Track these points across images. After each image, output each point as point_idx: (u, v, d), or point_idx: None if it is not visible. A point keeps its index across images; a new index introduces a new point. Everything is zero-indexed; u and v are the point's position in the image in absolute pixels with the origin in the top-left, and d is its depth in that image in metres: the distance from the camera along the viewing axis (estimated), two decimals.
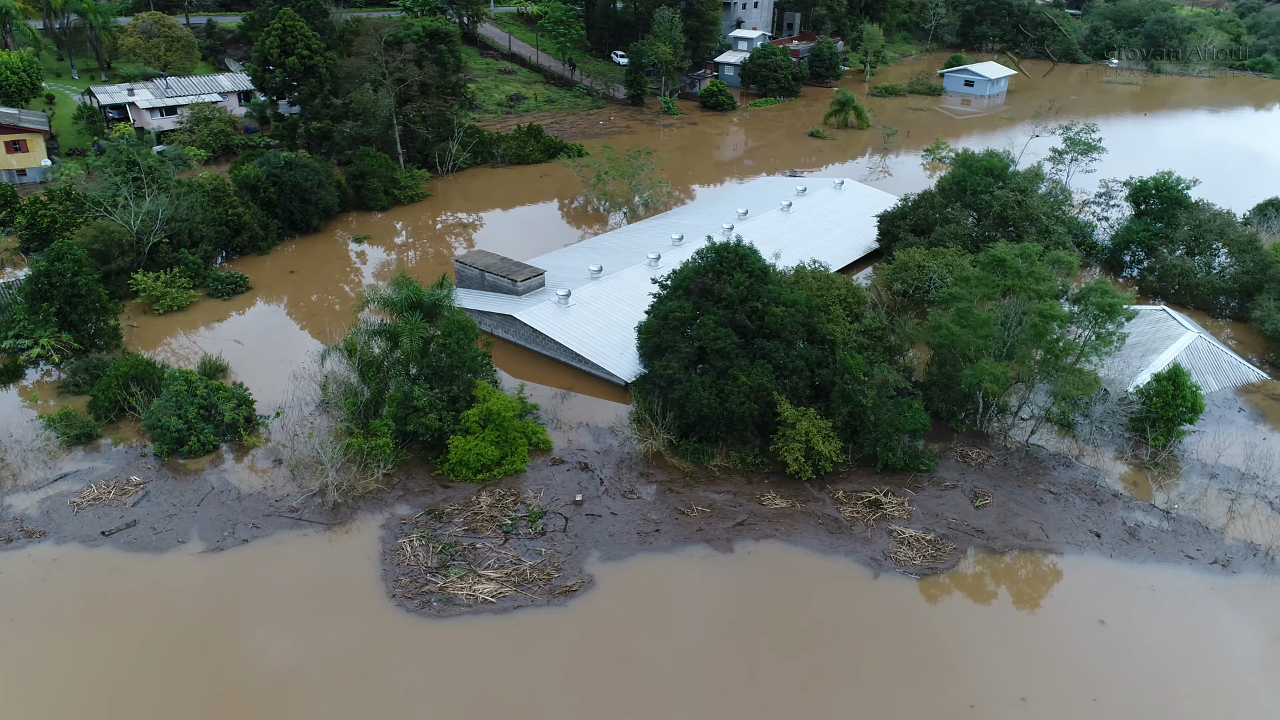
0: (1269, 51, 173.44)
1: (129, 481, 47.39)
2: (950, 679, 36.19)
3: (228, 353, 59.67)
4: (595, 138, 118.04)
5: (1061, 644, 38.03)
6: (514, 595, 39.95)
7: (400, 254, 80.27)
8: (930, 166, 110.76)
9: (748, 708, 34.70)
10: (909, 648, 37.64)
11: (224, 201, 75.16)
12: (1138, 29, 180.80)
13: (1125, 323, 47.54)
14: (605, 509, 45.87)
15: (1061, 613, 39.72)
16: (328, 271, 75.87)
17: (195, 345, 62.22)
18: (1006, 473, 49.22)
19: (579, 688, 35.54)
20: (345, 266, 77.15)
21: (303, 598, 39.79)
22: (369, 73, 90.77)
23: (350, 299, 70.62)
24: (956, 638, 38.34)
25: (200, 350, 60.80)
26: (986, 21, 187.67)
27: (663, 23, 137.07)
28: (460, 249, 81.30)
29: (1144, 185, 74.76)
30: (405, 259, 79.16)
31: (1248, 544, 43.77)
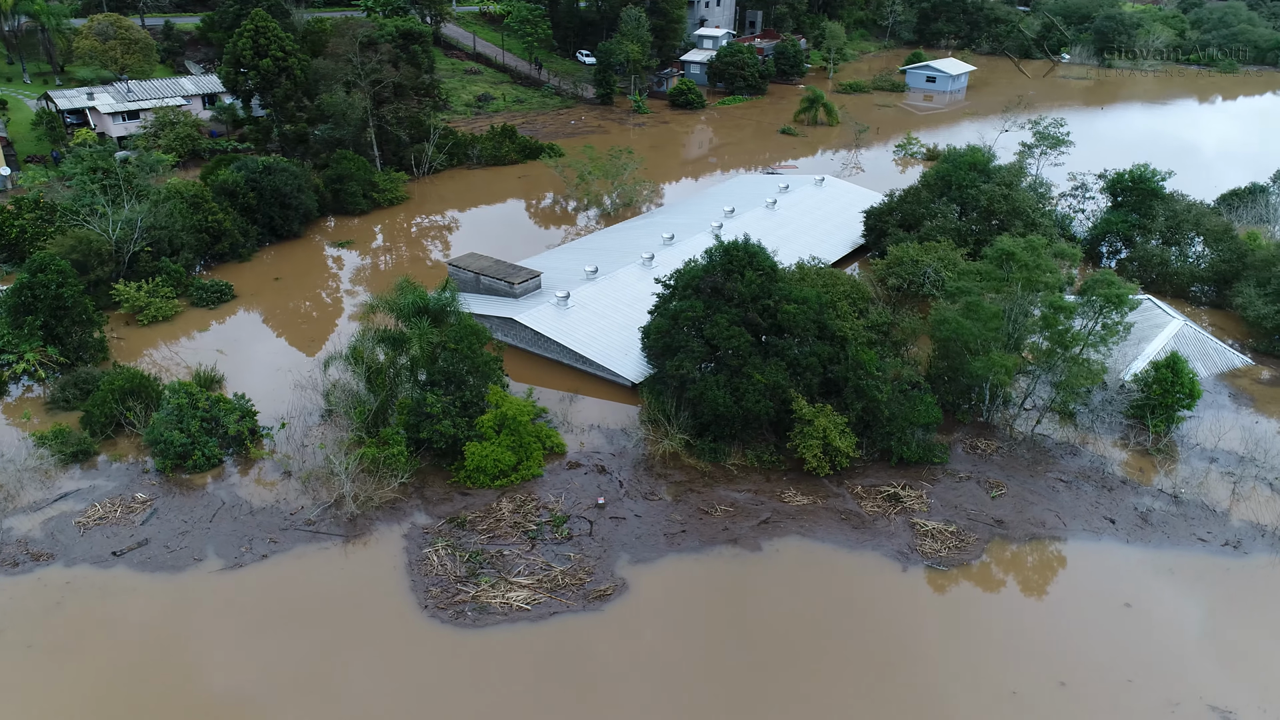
0: (1213, 46, 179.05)
1: (135, 499, 45.95)
2: (989, 667, 36.73)
3: (221, 363, 58.12)
4: (569, 138, 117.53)
5: (1092, 628, 38.82)
6: (548, 602, 39.57)
7: (384, 258, 79.02)
8: (902, 162, 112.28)
9: (798, 704, 34.81)
10: (946, 639, 38.10)
11: (203, 208, 73.25)
12: (1087, 25, 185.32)
13: (1129, 313, 48.66)
14: (628, 511, 45.67)
15: (1088, 598, 40.54)
16: (313, 278, 74.40)
17: (184, 356, 60.55)
18: (1016, 462, 50.10)
19: (626, 694, 35.31)
20: (330, 272, 75.72)
21: (333, 612, 38.94)
22: (343, 74, 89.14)
23: (338, 305, 69.40)
24: (990, 626, 38.93)
25: (189, 361, 59.23)
26: (942, 18, 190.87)
27: (629, 22, 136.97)
28: (445, 252, 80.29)
29: (1120, 177, 76.65)
30: (390, 263, 77.94)
31: (1254, 525, 45.12)
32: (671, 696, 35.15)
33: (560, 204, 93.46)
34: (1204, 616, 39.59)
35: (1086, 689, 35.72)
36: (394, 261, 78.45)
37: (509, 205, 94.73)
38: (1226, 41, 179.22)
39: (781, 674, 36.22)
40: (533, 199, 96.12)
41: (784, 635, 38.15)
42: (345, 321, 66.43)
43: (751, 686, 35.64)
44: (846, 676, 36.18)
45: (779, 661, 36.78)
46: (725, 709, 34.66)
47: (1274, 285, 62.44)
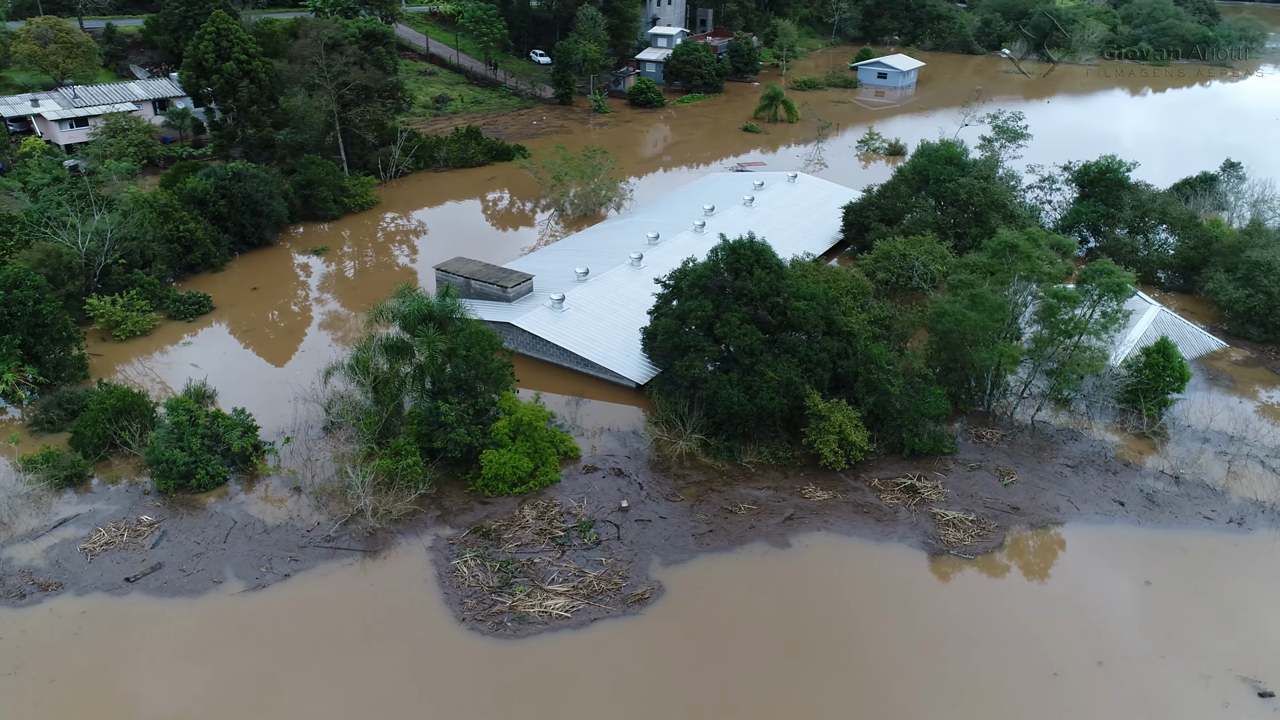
0: (1143, 40, 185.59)
1: (140, 522, 44.21)
2: (1028, 650, 37.53)
3: (211, 377, 56.14)
4: (532, 138, 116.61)
5: (1117, 608, 39.96)
6: (587, 608, 39.22)
7: (362, 264, 77.39)
8: (865, 158, 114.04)
9: (850, 695, 35.10)
10: (982, 625, 38.82)
11: (173, 217, 70.78)
12: (1025, 21, 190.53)
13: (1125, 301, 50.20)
14: (652, 513, 45.52)
15: (1110, 579, 41.72)
16: (291, 287, 72.47)
17: (166, 371, 58.46)
18: (1021, 450, 51.29)
19: (678, 696, 35.18)
20: (307, 280, 73.82)
21: (367, 629, 38.01)
22: (308, 76, 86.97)
23: (321, 315, 67.72)
24: (1022, 611, 39.76)
25: (172, 376, 57.24)
26: (886, 15, 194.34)
27: (586, 21, 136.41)
28: (422, 256, 78.90)
29: (1087, 169, 79.01)
30: (368, 269, 76.33)
31: (1254, 502, 46.96)
32: (724, 697, 35.12)
33: (535, 205, 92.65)
34: (1220, 591, 41.04)
35: (1122, 667, 36.76)
36: (372, 268, 76.85)
37: (482, 207, 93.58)
38: (1156, 36, 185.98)
39: (830, 667, 36.50)
40: (505, 201, 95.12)
41: (826, 629, 38.43)
42: (331, 331, 64.87)
43: (803, 681, 35.83)
44: (893, 666, 36.60)
45: (826, 655, 37.06)
46: (779, 706, 34.77)
47: (1243, 271, 64.98)
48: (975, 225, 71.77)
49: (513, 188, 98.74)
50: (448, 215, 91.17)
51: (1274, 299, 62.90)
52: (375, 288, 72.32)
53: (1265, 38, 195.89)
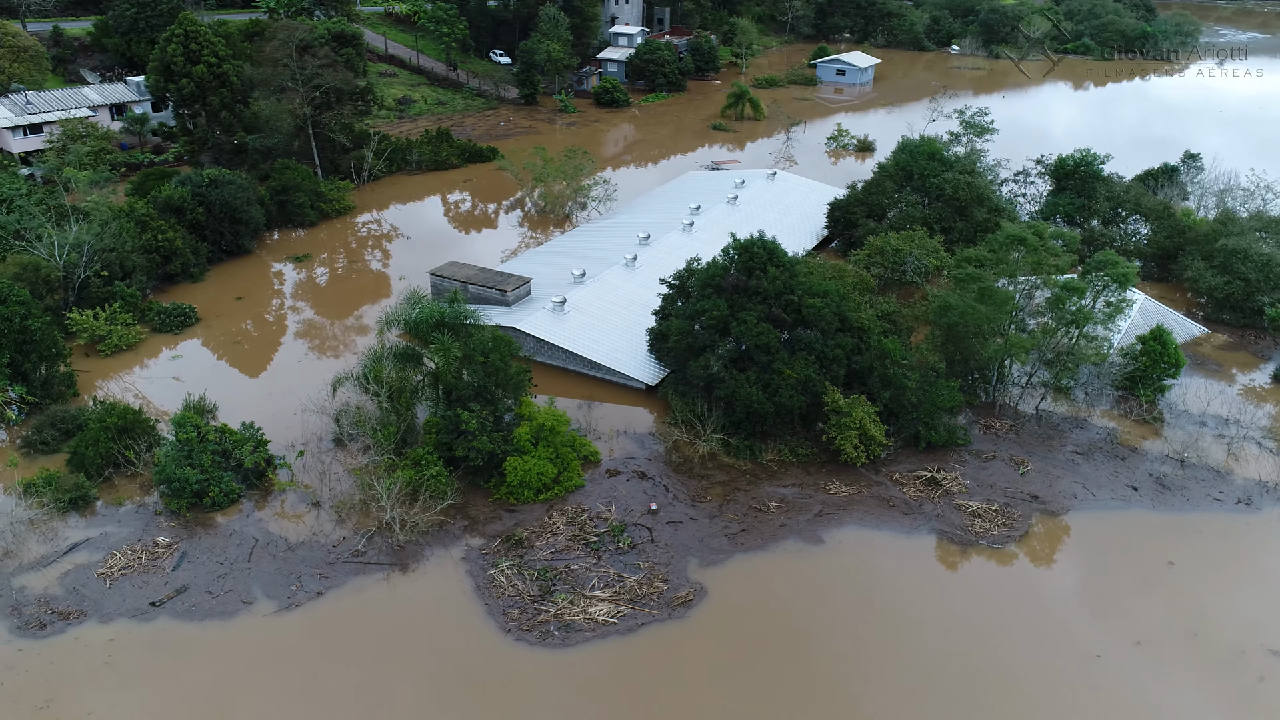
0: (1086, 35, 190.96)
1: (157, 543, 42.69)
2: (1067, 634, 38.34)
3: (211, 391, 54.39)
4: (502, 139, 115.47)
5: (1145, 588, 41.08)
6: (633, 613, 38.96)
7: (346, 271, 75.76)
8: (834, 154, 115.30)
9: (903, 685, 35.46)
10: (1020, 612, 39.53)
11: (150, 227, 68.47)
12: (972, 18, 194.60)
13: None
14: (683, 515, 45.43)
15: (1134, 561, 42.86)
16: (276, 295, 70.67)
17: (157, 386, 56.49)
18: (1031, 439, 52.38)
19: (736, 696, 35.17)
20: (291, 289, 72.04)
21: (413, 644, 37.24)
22: (280, 79, 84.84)
23: (310, 324, 66.15)
24: (1055, 596, 40.57)
25: (163, 391, 55.32)
26: (838, 13, 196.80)
27: (548, 20, 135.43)
28: (407, 261, 77.42)
29: (1063, 162, 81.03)
30: (354, 275, 74.77)
31: (1257, 483, 48.65)
32: (785, 697, 35.20)
33: (515, 207, 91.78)
34: (1240, 569, 42.44)
35: (1160, 645, 37.82)
36: (357, 274, 75.29)
37: (460, 210, 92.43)
38: (1098, 31, 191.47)
39: (879, 658, 36.83)
40: (485, 203, 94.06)
41: (870, 622, 38.78)
42: (325, 340, 63.42)
43: (864, 675, 36.10)
44: (947, 655, 37.03)
45: (879, 648, 37.39)
46: (844, 702, 34.98)
47: (1220, 258, 67.26)
48: (960, 219, 73.08)
49: (490, 190, 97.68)
50: (426, 219, 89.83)
51: (1251, 285, 65.25)
52: (363, 295, 71.01)
53: (1199, 32, 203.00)
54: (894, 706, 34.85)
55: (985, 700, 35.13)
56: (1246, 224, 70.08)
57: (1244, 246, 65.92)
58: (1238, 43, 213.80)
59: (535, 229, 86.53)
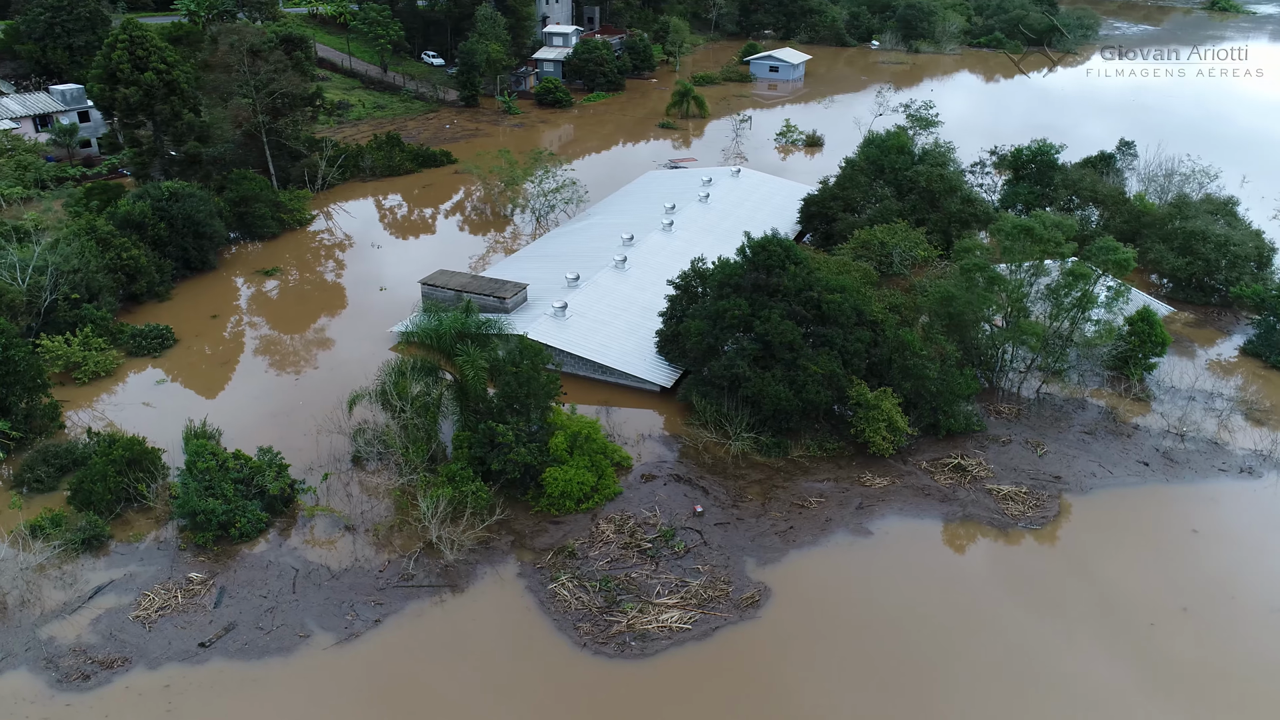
0: (996, 30, 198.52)
1: (190, 580, 40.38)
2: (1120, 606, 39.87)
3: (213, 416, 51.73)
4: (450, 143, 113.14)
5: (1177, 557, 43.19)
6: (704, 618, 38.78)
7: (320, 283, 73.06)
8: (783, 149, 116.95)
9: (987, 663, 36.30)
10: (1068, 590, 40.89)
11: (113, 245, 64.66)
12: (889, 13, 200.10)
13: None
14: (729, 516, 45.44)
15: (1162, 532, 44.98)
16: (251, 312, 67.62)
17: (144, 413, 53.35)
18: (1039, 422, 54.26)
19: (828, 691, 35.40)
20: (267, 304, 69.09)
21: (490, 666, 36.24)
22: (232, 86, 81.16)
23: (297, 340, 63.65)
24: (1098, 572, 42.08)
25: (152, 418, 52.20)
26: (761, 10, 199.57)
27: (485, 20, 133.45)
28: (381, 270, 75.25)
29: (1020, 152, 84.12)
30: (330, 287, 72.18)
31: (1254, 452, 51.52)
32: (874, 686, 35.60)
33: (482, 211, 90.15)
34: (1258, 533, 44.94)
35: (1204, 610, 39.70)
36: (333, 286, 72.66)
37: (426, 216, 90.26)
38: (1007, 25, 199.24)
39: (958, 644, 37.58)
40: (450, 208, 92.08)
41: (938, 609, 39.53)
42: (317, 356, 61.05)
43: (941, 660, 36.76)
44: (1012, 635, 38.03)
45: (949, 634, 38.13)
46: (928, 686, 35.57)
47: (1179, 240, 70.91)
48: (932, 210, 75.15)
49: (450, 194, 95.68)
50: (390, 226, 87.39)
51: (1211, 264, 69.03)
52: (343, 307, 68.72)
53: (1099, 25, 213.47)
54: (987, 689, 35.62)
55: (1067, 671, 36.23)
56: (1200, 207, 74.04)
57: (1202, 228, 69.67)
58: (1132, 35, 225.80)
59: (503, 233, 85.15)
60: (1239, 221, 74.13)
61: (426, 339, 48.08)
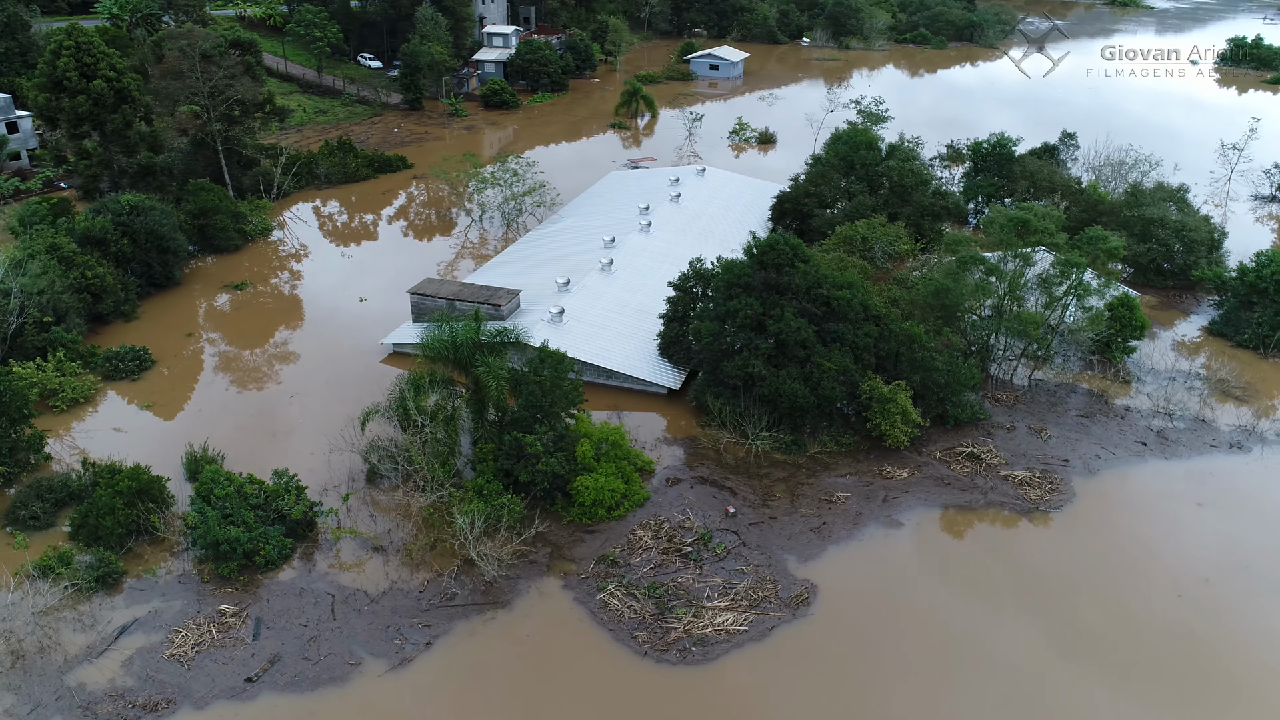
0: (921, 26, 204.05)
1: (220, 613, 38.57)
2: (1148, 580, 41.57)
3: (214, 440, 49.52)
4: (401, 147, 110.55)
5: (1189, 530, 45.18)
6: (758, 618, 38.86)
7: (293, 295, 70.50)
8: (736, 147, 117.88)
9: (1057, 637, 37.32)
10: (1098, 567, 42.35)
11: (76, 263, 61.28)
12: (818, 11, 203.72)
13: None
14: (763, 515, 45.63)
15: (1170, 506, 46.97)
16: (228, 329, 64.87)
17: (130, 440, 50.62)
18: (1037, 408, 56.02)
19: (899, 681, 35.87)
20: (243, 320, 66.36)
21: (556, 683, 35.59)
22: (185, 93, 77.69)
23: (283, 356, 61.38)
24: (1123, 548, 43.71)
25: (144, 445, 49.63)
26: (693, 9, 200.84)
27: (426, 21, 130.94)
28: (356, 280, 73.04)
29: (979, 146, 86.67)
30: (305, 300, 69.71)
31: (1237, 427, 54.24)
32: (938, 673, 36.21)
33: (447, 216, 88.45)
34: (1258, 503, 47.31)
35: (1224, 579, 41.67)
36: (308, 298, 70.16)
37: (390, 223, 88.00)
38: (930, 22, 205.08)
39: (1014, 626, 38.51)
40: (413, 214, 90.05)
41: (986, 594, 40.44)
42: (307, 373, 58.93)
43: (1005, 644, 37.60)
44: (1067, 612, 39.13)
45: (1001, 617, 39.04)
46: (998, 670, 36.37)
47: (1139, 227, 74.06)
48: (902, 204, 76.81)
49: (414, 200, 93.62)
50: (355, 235, 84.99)
51: (1170, 249, 72.33)
52: (323, 320, 66.49)
53: (1015, 21, 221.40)
54: (1059, 667, 36.56)
55: (1121, 639, 37.49)
56: (1155, 195, 77.48)
57: (1160, 215, 72.93)
58: (1045, 29, 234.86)
59: (471, 238, 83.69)
60: (1189, 208, 77.83)
61: (442, 351, 46.97)
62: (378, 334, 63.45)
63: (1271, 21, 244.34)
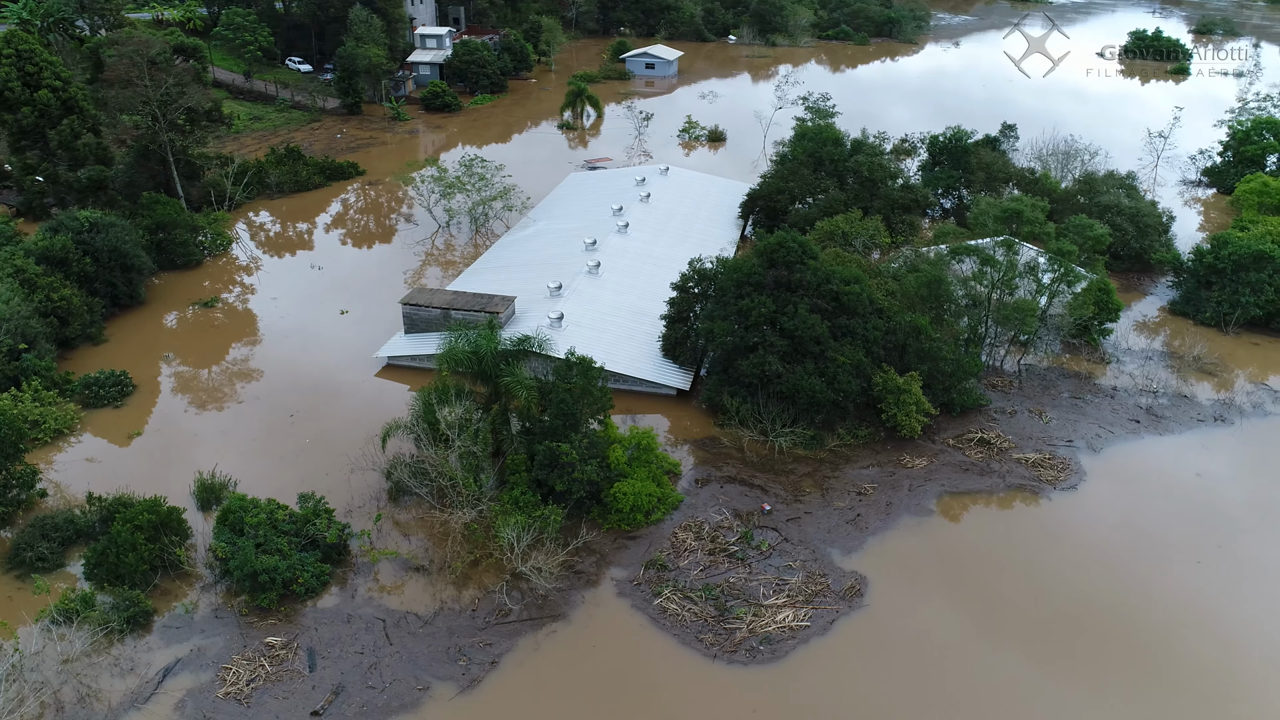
0: (842, 23, 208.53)
1: (269, 646, 36.96)
2: (1169, 549, 43.67)
3: (223, 466, 47.37)
4: (349, 153, 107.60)
5: (1194, 497, 47.68)
6: (817, 613, 39.30)
7: (271, 311, 67.72)
8: (686, 145, 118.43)
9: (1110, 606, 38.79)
10: (1124, 538, 44.25)
11: (40, 286, 57.73)
12: (742, 8, 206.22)
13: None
14: (797, 510, 46.10)
15: (1174, 479, 49.38)
16: (205, 349, 61.98)
17: (128, 470, 48.10)
18: (1032, 392, 58.08)
19: (989, 660, 36.76)
20: (223, 338, 63.50)
21: (634, 691, 35.30)
22: (134, 102, 73.80)
23: (272, 373, 59.02)
24: (1140, 519, 45.77)
25: (139, 475, 47.17)
26: (620, 8, 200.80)
27: (361, 23, 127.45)
28: (335, 294, 70.67)
29: (935, 140, 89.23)
30: (281, 315, 67.05)
31: (1217, 400, 57.32)
32: (1005, 652, 37.24)
33: (411, 218, 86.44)
34: (1250, 470, 50.14)
35: (1237, 544, 44.09)
36: (283, 313, 67.47)
37: (353, 232, 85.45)
38: (850, 18, 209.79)
39: (1069, 600, 39.86)
40: (377, 223, 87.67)
41: (1029, 572, 41.80)
42: (303, 391, 56.78)
43: (1063, 621, 38.86)
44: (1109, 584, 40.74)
45: (1051, 593, 40.39)
46: (1055, 646, 37.59)
47: (1095, 214, 77.38)
48: (872, 197, 78.59)
49: (370, 207, 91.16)
50: (319, 245, 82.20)
51: (1126, 234, 75.87)
52: (307, 335, 64.21)
53: (930, 17, 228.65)
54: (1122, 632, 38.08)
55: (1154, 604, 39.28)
56: (1108, 183, 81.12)
57: (1115, 202, 76.44)
58: (956, 24, 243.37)
59: (437, 244, 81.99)
60: (1138, 194, 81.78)
61: (467, 363, 45.94)
62: (364, 346, 61.70)
63: (1160, 14, 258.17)
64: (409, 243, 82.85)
